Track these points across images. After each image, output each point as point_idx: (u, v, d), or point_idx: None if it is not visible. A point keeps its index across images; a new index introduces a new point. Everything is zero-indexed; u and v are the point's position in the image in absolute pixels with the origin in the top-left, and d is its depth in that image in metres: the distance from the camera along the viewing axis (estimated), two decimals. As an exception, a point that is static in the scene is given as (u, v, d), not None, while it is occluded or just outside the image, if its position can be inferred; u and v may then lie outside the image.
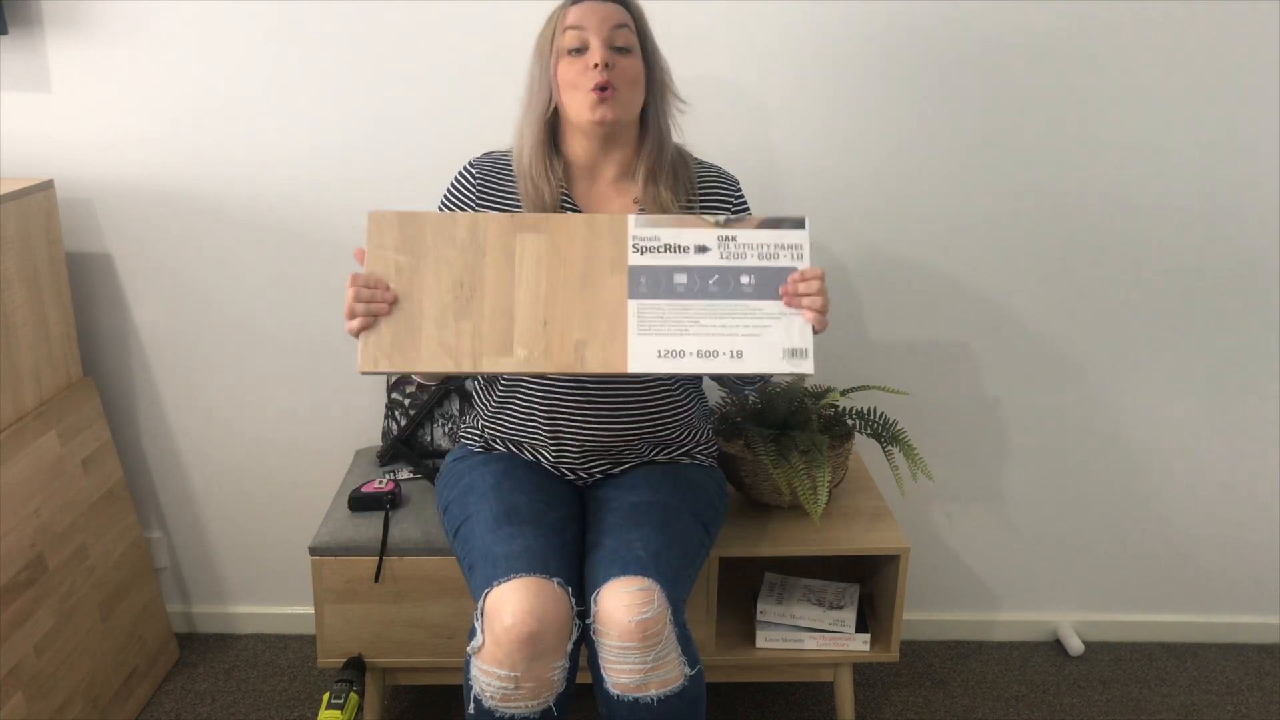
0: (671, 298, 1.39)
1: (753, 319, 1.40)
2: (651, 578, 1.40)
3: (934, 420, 2.11)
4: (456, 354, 1.37)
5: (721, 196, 1.61)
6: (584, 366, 1.38)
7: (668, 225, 1.40)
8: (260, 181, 1.94)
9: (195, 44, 1.86)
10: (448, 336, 1.38)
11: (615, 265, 1.39)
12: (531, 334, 1.38)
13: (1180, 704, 2.07)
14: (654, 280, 1.40)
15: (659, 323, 1.39)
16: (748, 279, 1.40)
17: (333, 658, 1.80)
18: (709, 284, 1.40)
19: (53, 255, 1.84)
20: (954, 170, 1.95)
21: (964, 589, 2.24)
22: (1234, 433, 2.12)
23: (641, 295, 1.39)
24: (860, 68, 1.89)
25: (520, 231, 1.39)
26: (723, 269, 1.40)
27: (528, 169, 1.52)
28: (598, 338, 1.38)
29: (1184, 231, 1.99)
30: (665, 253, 1.40)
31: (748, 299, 1.40)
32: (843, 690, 1.89)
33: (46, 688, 1.72)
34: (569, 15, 1.48)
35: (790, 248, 1.41)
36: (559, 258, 1.39)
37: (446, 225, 1.39)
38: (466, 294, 1.38)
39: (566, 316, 1.38)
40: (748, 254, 1.40)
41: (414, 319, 1.38)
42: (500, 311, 1.38)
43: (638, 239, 1.40)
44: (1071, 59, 1.89)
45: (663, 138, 1.55)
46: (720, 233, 1.40)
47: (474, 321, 1.38)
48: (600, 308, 1.39)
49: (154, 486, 2.13)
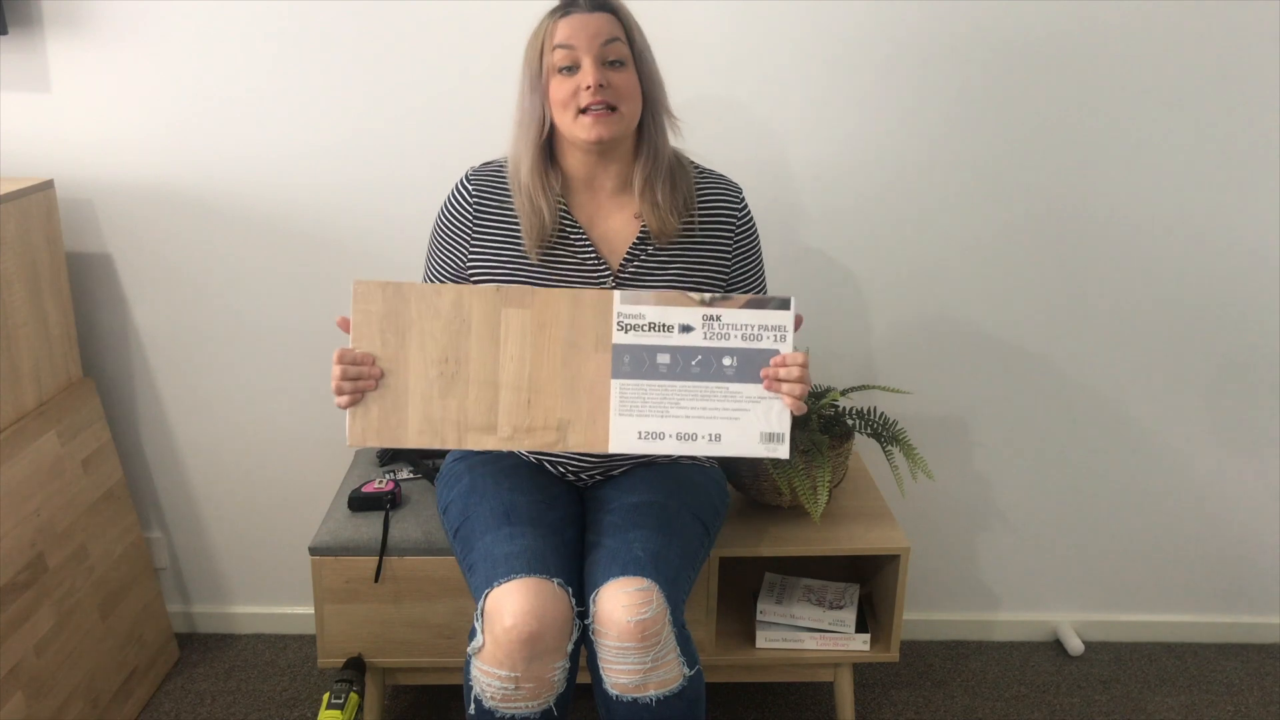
0: (654, 378, 1.41)
1: (732, 402, 1.42)
2: (650, 578, 1.40)
3: (934, 420, 2.11)
4: (442, 431, 1.41)
5: (724, 206, 1.59)
6: (565, 446, 1.42)
7: (652, 303, 1.41)
8: (260, 181, 1.94)
9: (195, 44, 1.86)
10: (433, 412, 1.41)
11: (599, 343, 1.41)
12: (515, 412, 1.41)
13: (1180, 704, 2.07)
14: (637, 359, 1.41)
15: (640, 403, 1.41)
16: (730, 360, 1.41)
17: (333, 658, 1.80)
18: (691, 365, 1.41)
19: (53, 255, 1.84)
20: (956, 173, 1.95)
21: (964, 589, 2.24)
22: (1234, 433, 2.12)
23: (624, 374, 1.41)
24: (866, 76, 1.89)
25: (505, 306, 1.40)
26: (705, 350, 1.41)
27: (526, 187, 1.50)
28: (580, 417, 1.41)
29: (1185, 233, 1.99)
30: (650, 331, 1.41)
31: (728, 381, 1.42)
32: (843, 690, 1.89)
33: (46, 688, 1.73)
34: (558, 32, 1.44)
35: (774, 329, 1.41)
36: (544, 334, 1.40)
37: (430, 297, 1.40)
38: (451, 370, 1.40)
39: (550, 394, 1.41)
40: (731, 335, 1.41)
41: (399, 395, 1.40)
42: (485, 386, 1.40)
43: (623, 316, 1.41)
44: (1074, 67, 1.89)
45: (658, 148, 1.53)
46: (705, 311, 1.41)
47: (459, 398, 1.41)
48: (583, 386, 1.41)
49: (154, 486, 2.13)
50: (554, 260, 1.53)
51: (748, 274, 1.62)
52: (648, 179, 1.52)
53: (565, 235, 1.53)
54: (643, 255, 1.54)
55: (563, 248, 1.53)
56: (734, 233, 1.59)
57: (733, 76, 1.89)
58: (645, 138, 1.52)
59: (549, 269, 1.52)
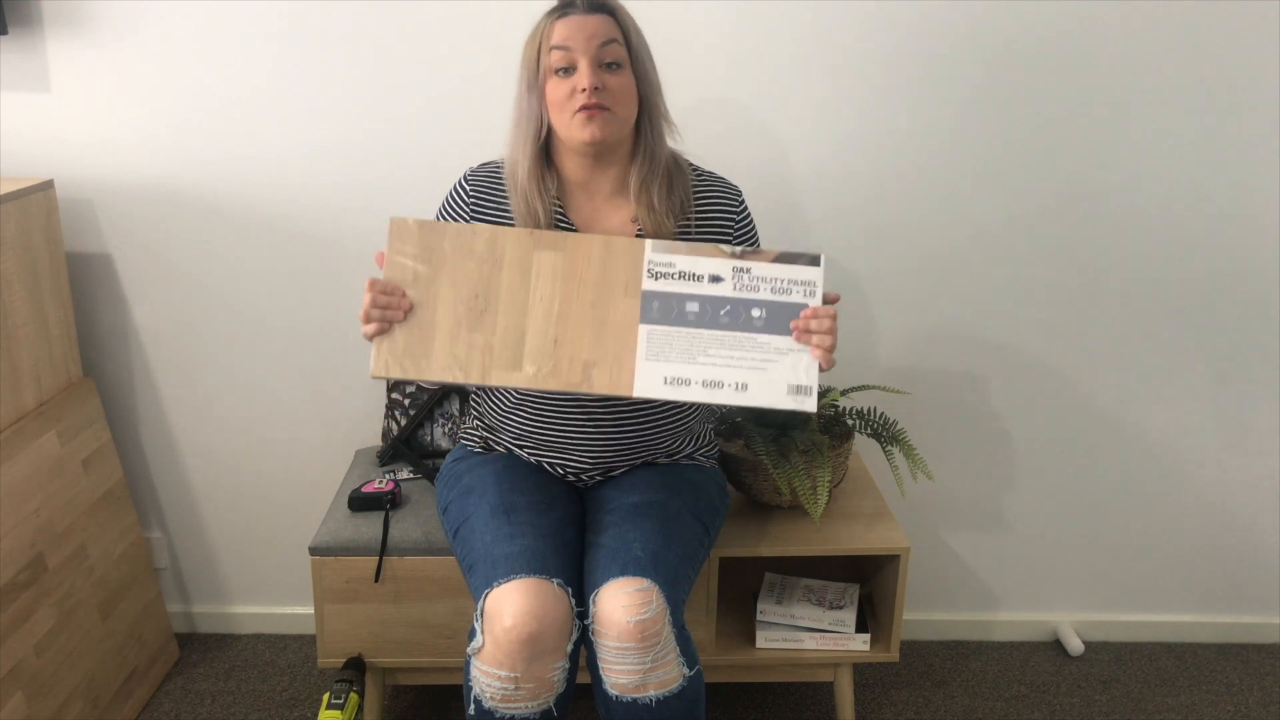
0: (682, 325, 1.40)
1: (760, 353, 1.41)
2: (650, 578, 1.40)
3: (934, 420, 2.11)
4: (467, 366, 1.40)
5: (722, 208, 1.58)
6: (590, 387, 1.40)
7: (684, 253, 1.41)
8: (260, 181, 1.94)
9: (195, 44, 1.86)
10: (459, 348, 1.40)
11: (629, 288, 1.40)
12: (541, 351, 1.40)
13: (1180, 704, 2.07)
14: (666, 307, 1.40)
15: (668, 349, 1.40)
16: (759, 312, 1.41)
17: (333, 658, 1.80)
18: (720, 314, 1.41)
19: (53, 255, 1.84)
20: (956, 173, 1.95)
21: (964, 589, 2.24)
22: (1234, 433, 2.12)
23: (653, 320, 1.40)
24: (867, 76, 1.89)
25: (538, 249, 1.40)
26: (735, 300, 1.41)
27: (522, 187, 1.50)
28: (606, 359, 1.40)
29: (1186, 233, 1.99)
30: (680, 280, 1.41)
31: (757, 332, 1.41)
32: (843, 690, 1.89)
33: (46, 688, 1.73)
34: (555, 32, 1.43)
35: (803, 284, 1.41)
36: (574, 277, 1.40)
37: (466, 236, 1.40)
38: (481, 306, 1.40)
39: (577, 336, 1.40)
40: (761, 287, 1.41)
41: (427, 328, 1.40)
42: (512, 326, 1.40)
43: (653, 264, 1.41)
44: (1075, 68, 1.89)
45: (655, 151, 1.52)
46: (735, 264, 1.41)
47: (486, 335, 1.40)
48: (610, 330, 1.40)
49: (154, 486, 2.13)
50: None
51: None
52: (644, 182, 1.51)
53: None
54: None
55: None
56: (732, 234, 1.58)
57: (733, 77, 1.89)
58: (642, 140, 1.51)
59: None
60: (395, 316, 1.39)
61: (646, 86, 1.49)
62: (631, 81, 1.47)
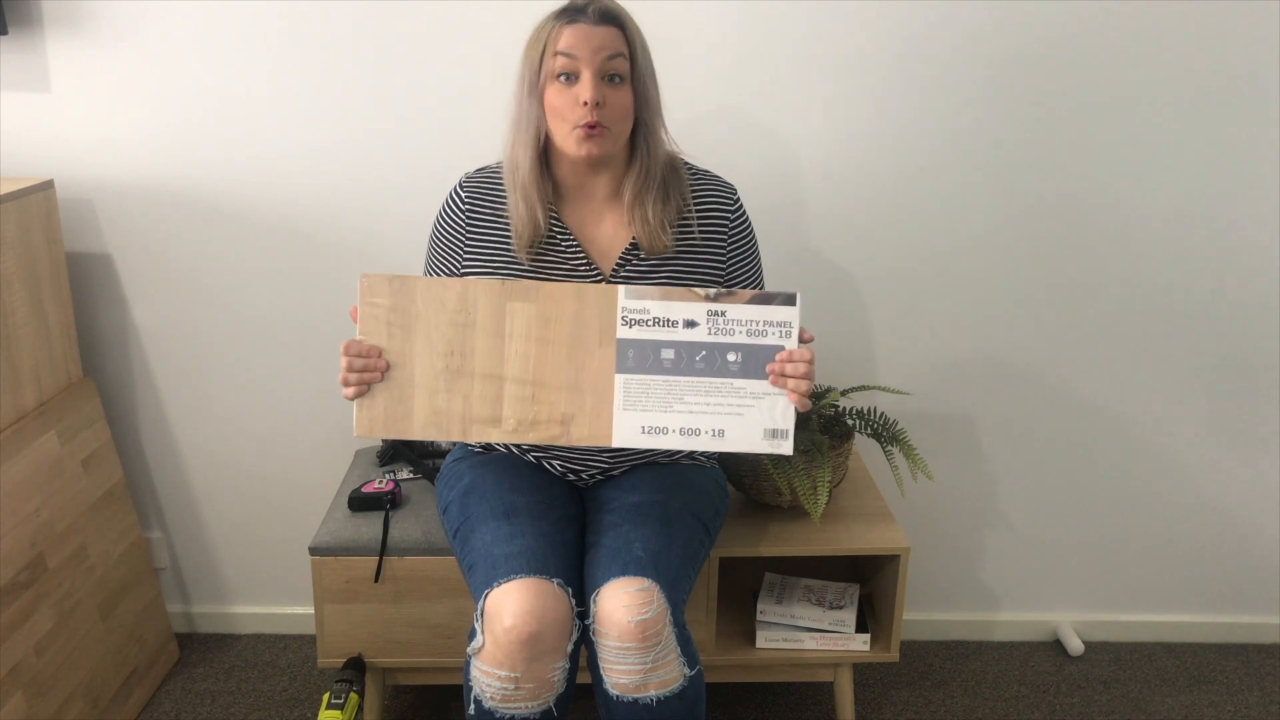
0: (658, 373, 1.41)
1: (737, 398, 1.41)
2: (651, 578, 1.40)
3: (934, 420, 2.11)
4: (447, 423, 1.41)
5: (718, 207, 1.58)
6: (569, 439, 1.41)
7: (657, 298, 1.40)
8: (260, 181, 1.94)
9: (195, 44, 1.86)
10: (438, 404, 1.41)
11: (604, 337, 1.40)
12: (519, 405, 1.41)
13: (1180, 704, 2.07)
14: (641, 354, 1.41)
15: (644, 398, 1.41)
16: (734, 356, 1.41)
17: (333, 658, 1.80)
18: (696, 360, 1.41)
19: (53, 255, 1.84)
20: (956, 174, 1.95)
21: (964, 589, 2.24)
22: (1234, 433, 2.12)
23: (628, 369, 1.41)
24: (867, 77, 1.89)
25: (510, 300, 1.40)
26: (710, 345, 1.41)
27: (523, 187, 1.49)
28: (584, 411, 1.41)
29: (1186, 233, 1.99)
30: (654, 326, 1.41)
31: (733, 377, 1.41)
32: (843, 690, 1.89)
33: (46, 688, 1.73)
34: (562, 38, 1.42)
35: (779, 325, 1.41)
36: (548, 328, 1.40)
37: (437, 290, 1.40)
38: (457, 362, 1.40)
39: (554, 388, 1.41)
40: (736, 330, 1.41)
41: (405, 387, 1.41)
42: (489, 380, 1.41)
43: (627, 311, 1.40)
44: (1077, 70, 1.89)
45: (651, 160, 1.51)
46: (710, 307, 1.40)
47: (464, 391, 1.41)
48: (587, 380, 1.41)
49: (154, 486, 2.13)
50: (546, 267, 1.53)
51: (743, 278, 1.61)
52: (638, 195, 1.51)
53: (556, 242, 1.52)
54: (635, 260, 1.53)
55: (554, 254, 1.53)
56: (728, 234, 1.58)
57: (734, 77, 1.89)
58: (637, 152, 1.51)
59: (541, 275, 1.52)
60: (373, 378, 1.40)
61: (644, 105, 1.48)
62: (631, 97, 1.46)
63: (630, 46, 1.45)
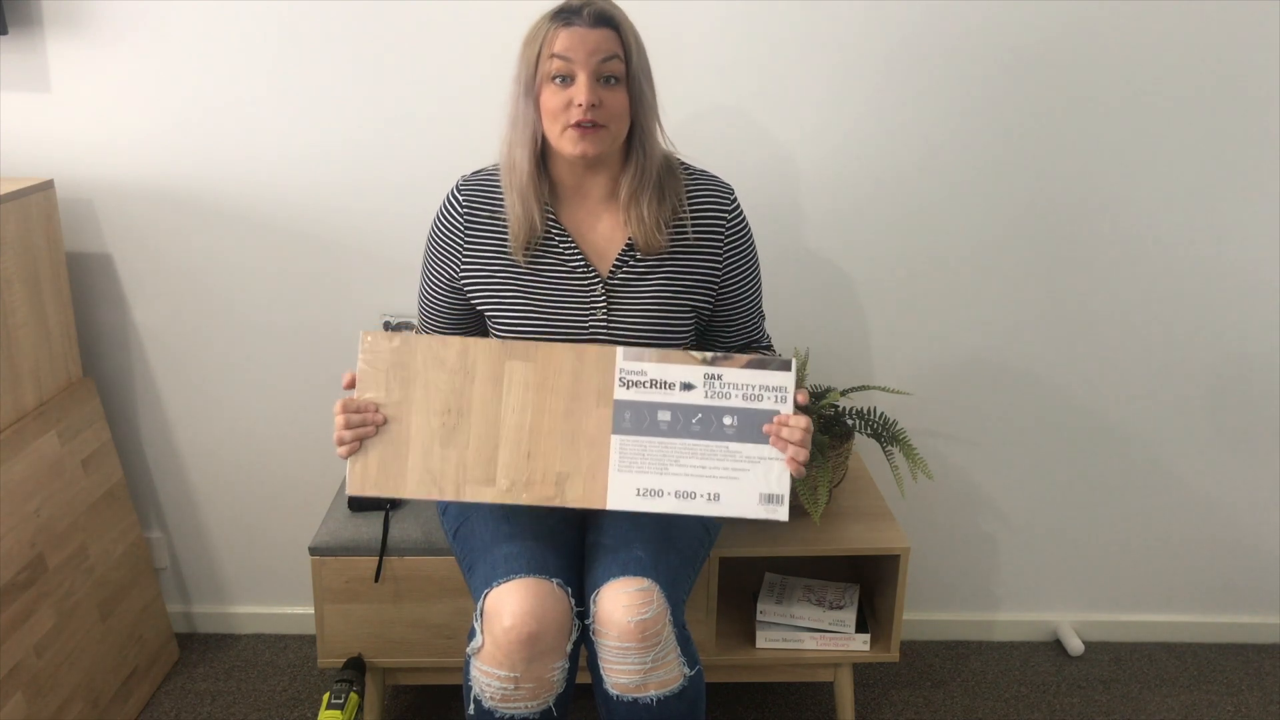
0: (654, 435, 1.41)
1: (732, 462, 1.42)
2: (651, 578, 1.40)
3: (934, 420, 2.11)
4: (440, 482, 1.41)
5: (714, 208, 1.57)
6: (564, 500, 1.41)
7: (655, 360, 1.41)
8: (260, 181, 1.94)
9: (195, 44, 1.86)
10: (433, 463, 1.41)
11: (601, 398, 1.41)
12: (514, 465, 1.41)
13: (1180, 704, 2.07)
14: (638, 416, 1.41)
15: (640, 460, 1.41)
16: (730, 419, 1.41)
17: (333, 658, 1.80)
18: (692, 423, 1.41)
19: (53, 255, 1.84)
20: (957, 174, 1.95)
21: (964, 589, 2.24)
22: (1234, 433, 2.12)
23: (625, 431, 1.41)
24: (868, 78, 1.89)
25: (509, 359, 1.40)
26: (706, 408, 1.41)
27: (521, 188, 1.49)
28: (579, 472, 1.41)
29: (1186, 233, 1.99)
30: (651, 389, 1.41)
31: (729, 441, 1.42)
32: (843, 690, 1.89)
33: (46, 688, 1.73)
34: (557, 41, 1.42)
35: (775, 390, 1.41)
36: (546, 387, 1.40)
37: (437, 348, 1.40)
38: (453, 420, 1.41)
39: (549, 449, 1.41)
40: (732, 394, 1.41)
41: (400, 444, 1.41)
42: (485, 439, 1.41)
43: (625, 372, 1.41)
44: (1077, 71, 1.89)
45: (647, 161, 1.50)
46: (706, 370, 1.41)
47: (459, 449, 1.41)
48: (583, 441, 1.41)
49: (154, 486, 2.14)
50: (543, 268, 1.52)
51: (741, 277, 1.60)
52: (633, 194, 1.50)
53: (553, 243, 1.52)
54: (632, 260, 1.53)
55: (551, 255, 1.52)
56: (724, 233, 1.57)
57: (732, 78, 1.89)
58: (633, 152, 1.50)
59: (538, 276, 1.52)
60: (368, 433, 1.40)
61: (639, 107, 1.47)
62: (626, 99, 1.45)
63: (625, 48, 1.44)
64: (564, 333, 1.50)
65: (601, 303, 1.51)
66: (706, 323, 1.61)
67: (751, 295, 1.62)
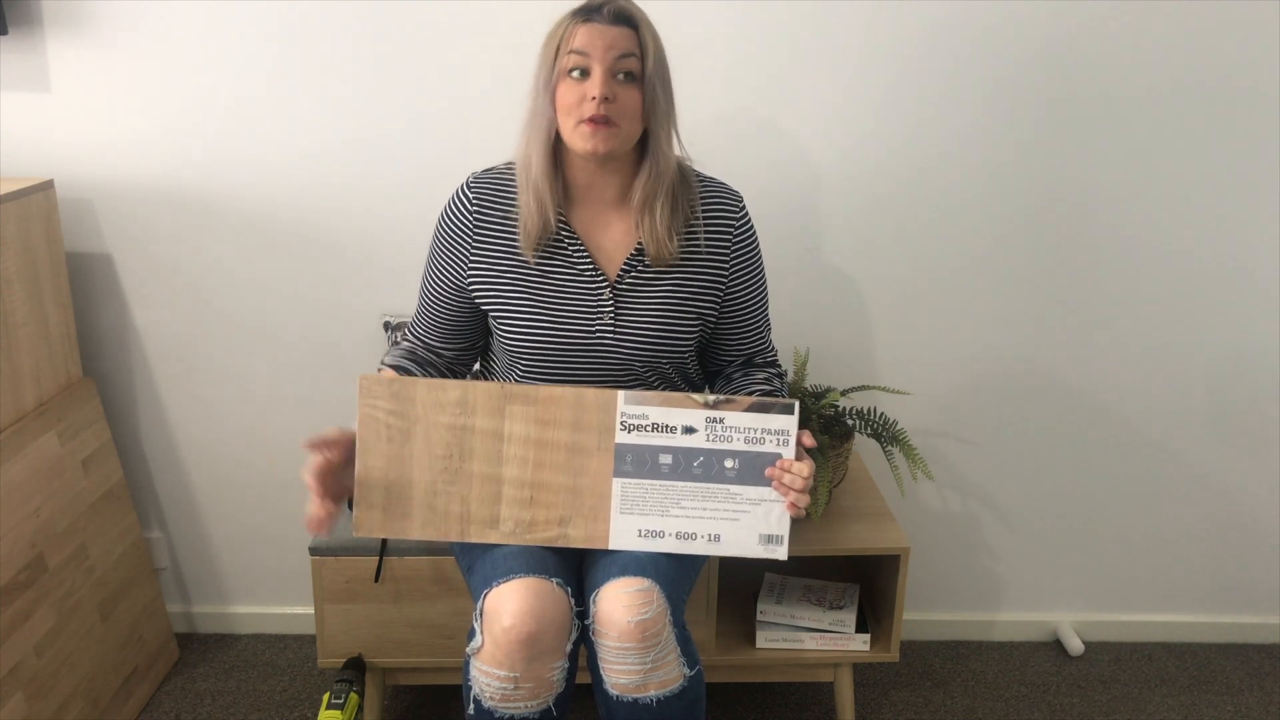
0: (656, 478, 1.42)
1: (733, 504, 1.43)
2: (651, 578, 1.40)
3: (935, 420, 2.11)
4: (444, 524, 1.42)
5: (722, 214, 1.56)
6: (566, 541, 1.43)
7: (656, 404, 1.41)
8: (260, 182, 1.94)
9: (195, 44, 1.86)
10: (438, 504, 1.42)
11: (602, 442, 1.41)
12: (517, 507, 1.42)
13: (1180, 704, 2.07)
14: (639, 459, 1.42)
15: (641, 502, 1.42)
16: (732, 462, 1.42)
17: (333, 658, 1.80)
18: (693, 466, 1.42)
19: (53, 255, 1.84)
20: (957, 175, 1.95)
21: (964, 589, 2.24)
22: (1234, 433, 2.12)
23: (626, 474, 1.42)
24: (872, 81, 1.89)
25: (509, 403, 1.40)
26: (708, 451, 1.42)
27: (535, 185, 1.48)
28: (581, 514, 1.42)
29: (1186, 233, 2.00)
30: (652, 432, 1.41)
31: (730, 483, 1.42)
32: (843, 690, 1.89)
33: (46, 688, 1.73)
34: (576, 36, 1.42)
35: (777, 433, 1.42)
36: (547, 431, 1.41)
37: (436, 391, 1.40)
38: (455, 465, 1.41)
39: (552, 491, 1.42)
40: (734, 437, 1.42)
41: (405, 488, 1.41)
42: (488, 481, 1.41)
43: (626, 416, 1.41)
44: (1083, 74, 1.89)
45: (661, 166, 1.49)
46: (708, 414, 1.41)
47: (462, 492, 1.41)
48: (585, 484, 1.41)
49: (154, 486, 2.14)
50: (552, 270, 1.52)
51: (747, 285, 1.59)
52: (646, 200, 1.50)
53: (563, 245, 1.52)
54: (640, 266, 1.53)
55: (560, 258, 1.52)
56: (731, 240, 1.57)
57: (740, 80, 1.89)
58: (649, 154, 1.50)
59: (546, 278, 1.52)
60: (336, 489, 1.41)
61: (654, 109, 1.46)
62: (639, 97, 1.45)
63: (642, 47, 1.44)
64: (570, 336, 1.50)
65: (609, 307, 1.50)
66: (712, 332, 1.61)
67: (757, 304, 1.62)
